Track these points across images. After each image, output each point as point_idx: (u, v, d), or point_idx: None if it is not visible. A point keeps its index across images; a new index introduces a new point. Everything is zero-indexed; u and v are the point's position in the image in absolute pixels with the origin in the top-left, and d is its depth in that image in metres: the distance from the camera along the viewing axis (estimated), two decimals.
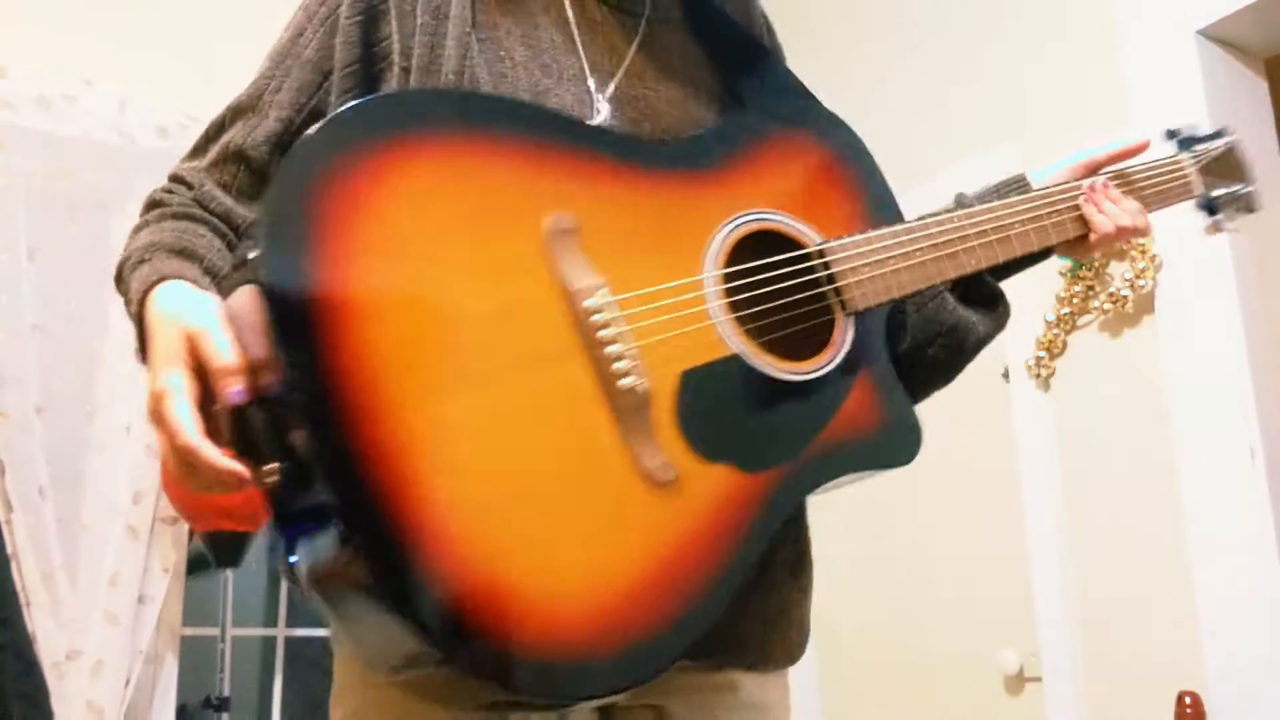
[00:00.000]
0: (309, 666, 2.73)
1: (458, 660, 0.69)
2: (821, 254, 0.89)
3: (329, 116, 0.78)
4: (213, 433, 0.73)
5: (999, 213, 1.02)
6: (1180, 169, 1.17)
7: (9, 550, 2.13)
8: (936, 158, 2.76)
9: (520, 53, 0.92)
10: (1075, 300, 2.35)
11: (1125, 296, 2.24)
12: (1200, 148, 1.20)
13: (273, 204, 0.74)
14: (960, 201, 1.09)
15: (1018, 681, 2.44)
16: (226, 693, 2.27)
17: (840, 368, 0.86)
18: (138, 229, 0.91)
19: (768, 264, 0.86)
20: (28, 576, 2.11)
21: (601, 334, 0.78)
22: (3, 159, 2.25)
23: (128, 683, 2.19)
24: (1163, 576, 2.14)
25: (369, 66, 0.94)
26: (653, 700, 0.91)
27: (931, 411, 3.00)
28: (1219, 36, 2.24)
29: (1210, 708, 1.98)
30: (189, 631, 2.42)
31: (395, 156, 0.77)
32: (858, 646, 2.89)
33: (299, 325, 0.71)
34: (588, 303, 0.78)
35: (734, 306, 0.85)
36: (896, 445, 0.89)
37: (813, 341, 0.88)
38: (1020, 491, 2.45)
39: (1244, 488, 2.02)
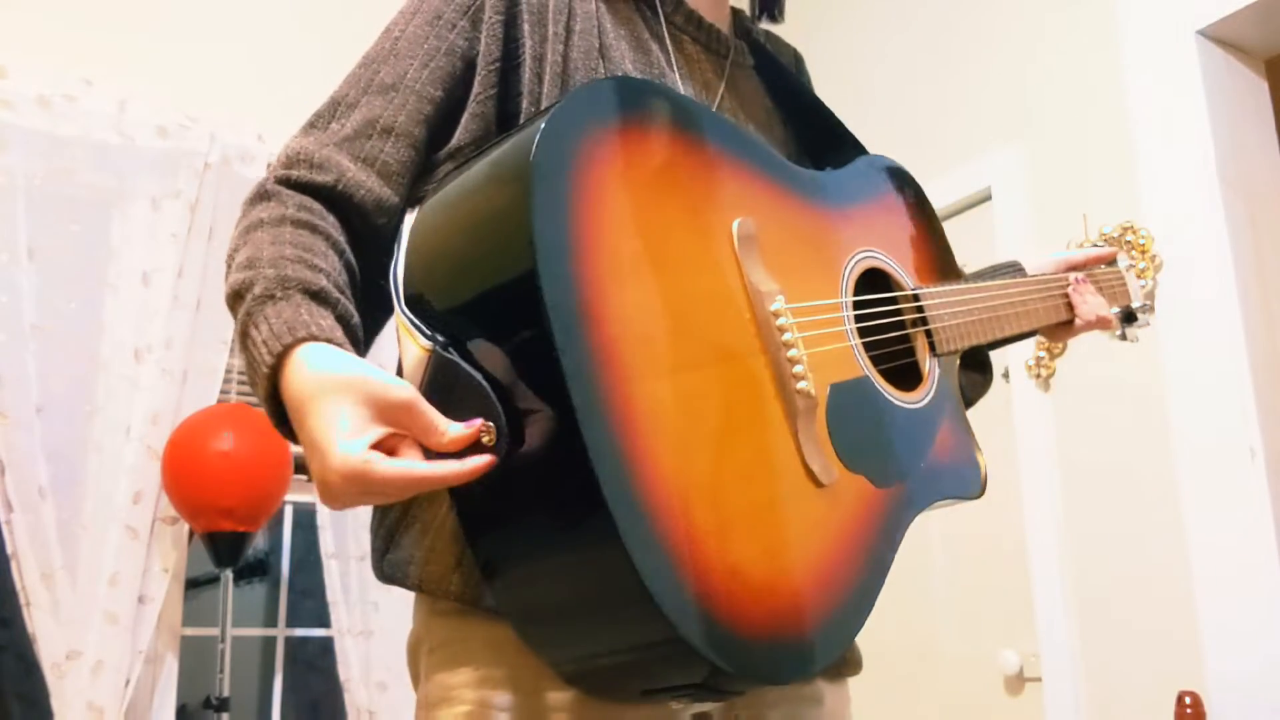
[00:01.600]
0: (309, 666, 2.73)
1: (690, 637, 0.68)
2: (917, 298, 1.00)
3: (588, 86, 0.80)
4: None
5: (1027, 289, 1.18)
6: (1122, 280, 1.37)
7: (9, 550, 2.13)
8: (937, 158, 2.76)
9: (636, 75, 0.97)
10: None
11: None
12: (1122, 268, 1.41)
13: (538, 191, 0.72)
14: (1006, 268, 1.26)
15: (1018, 681, 2.44)
16: (226, 693, 2.27)
17: (933, 405, 0.95)
18: (251, 227, 0.84)
19: (885, 298, 0.95)
20: (28, 576, 2.11)
21: (785, 337, 0.83)
22: (3, 159, 2.26)
23: (128, 683, 2.19)
24: (1163, 577, 2.14)
25: (506, 63, 0.95)
26: (752, 711, 0.93)
27: None
28: (1219, 36, 2.24)
29: (1210, 708, 1.98)
30: (189, 631, 2.42)
31: (635, 140, 0.81)
32: (858, 647, 2.89)
33: (566, 329, 0.70)
34: (773, 306, 0.83)
35: (859, 332, 0.92)
36: (971, 477, 0.96)
37: (901, 375, 0.96)
38: (1020, 491, 2.45)
39: (1244, 488, 2.02)
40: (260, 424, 2.28)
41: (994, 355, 1.25)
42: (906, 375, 0.96)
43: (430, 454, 0.72)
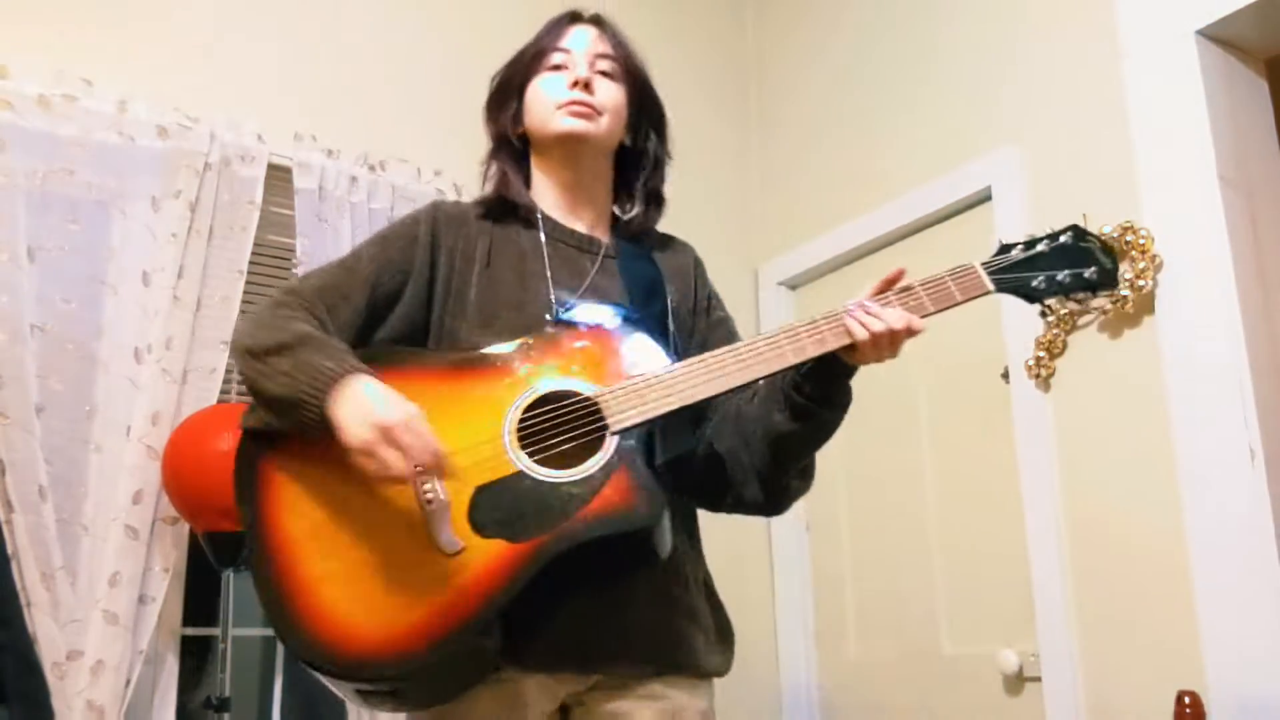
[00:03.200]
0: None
1: (312, 664, 1.25)
2: (589, 399, 1.34)
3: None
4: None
5: (770, 338, 1.38)
6: (970, 273, 1.42)
7: (9, 550, 2.13)
8: (937, 158, 2.76)
9: (512, 280, 1.47)
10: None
11: (1125, 296, 2.24)
12: (1012, 253, 1.46)
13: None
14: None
15: (1018, 681, 2.44)
16: (226, 693, 2.26)
17: (604, 468, 1.30)
18: (282, 305, 1.39)
19: (543, 411, 1.34)
20: (28, 576, 2.11)
21: (418, 474, 1.25)
22: (3, 159, 2.25)
23: (128, 683, 2.19)
24: (1163, 576, 2.14)
25: (427, 282, 1.47)
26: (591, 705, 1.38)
27: (932, 411, 3.01)
28: (1219, 36, 2.25)
29: (1210, 708, 1.98)
30: (189, 631, 2.42)
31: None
32: (858, 646, 2.89)
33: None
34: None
35: (525, 441, 1.32)
36: (626, 517, 1.28)
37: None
38: (1020, 491, 2.45)
39: (1244, 488, 2.02)
40: None
41: (993, 355, 1.28)
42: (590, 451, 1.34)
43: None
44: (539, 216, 1.52)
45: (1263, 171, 2.26)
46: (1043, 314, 1.42)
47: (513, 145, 1.56)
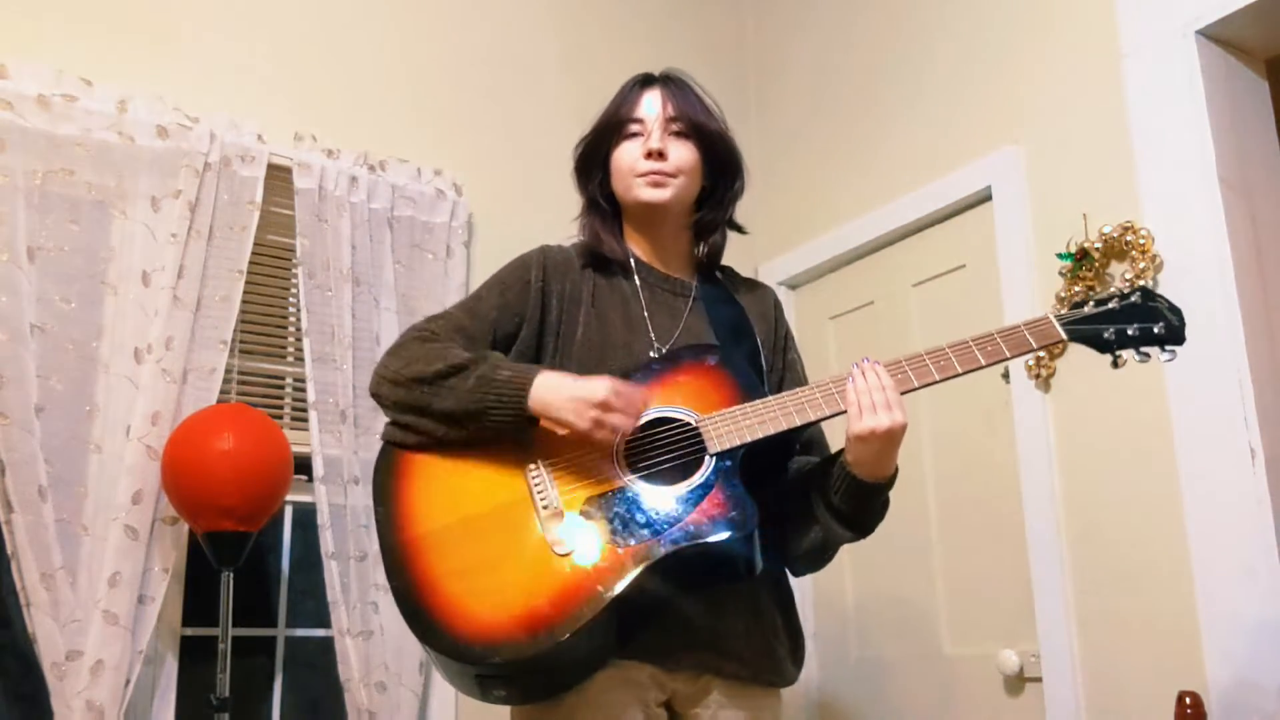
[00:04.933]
0: (309, 667, 2.73)
1: (435, 651, 1.39)
2: (691, 424, 1.49)
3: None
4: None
5: (804, 391, 1.52)
6: (1044, 323, 1.54)
7: (9, 550, 2.13)
8: (937, 158, 2.76)
9: (618, 322, 1.65)
10: (1075, 300, 2.35)
11: None
12: (1085, 308, 1.58)
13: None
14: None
15: (1018, 681, 2.44)
16: (226, 693, 2.26)
17: (703, 485, 1.45)
18: (430, 339, 1.59)
19: (649, 434, 1.50)
20: (28, 576, 2.11)
21: (533, 481, 1.48)
22: (3, 159, 2.25)
23: (128, 683, 2.19)
24: (1163, 576, 2.14)
25: (539, 324, 1.65)
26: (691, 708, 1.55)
27: (933, 411, 3.01)
28: (1219, 36, 2.24)
29: (1210, 708, 1.98)
30: (189, 631, 2.42)
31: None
32: (858, 646, 2.89)
33: None
34: (529, 467, 1.50)
35: (631, 460, 1.49)
36: (719, 529, 1.41)
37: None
38: (1020, 491, 2.45)
39: (1244, 488, 2.02)
40: (260, 424, 2.28)
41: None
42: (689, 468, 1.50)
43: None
44: (633, 263, 1.70)
45: (1263, 171, 2.26)
46: (1114, 364, 1.54)
47: (602, 206, 1.72)
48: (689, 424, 1.50)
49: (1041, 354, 2.42)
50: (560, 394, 1.45)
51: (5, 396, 2.15)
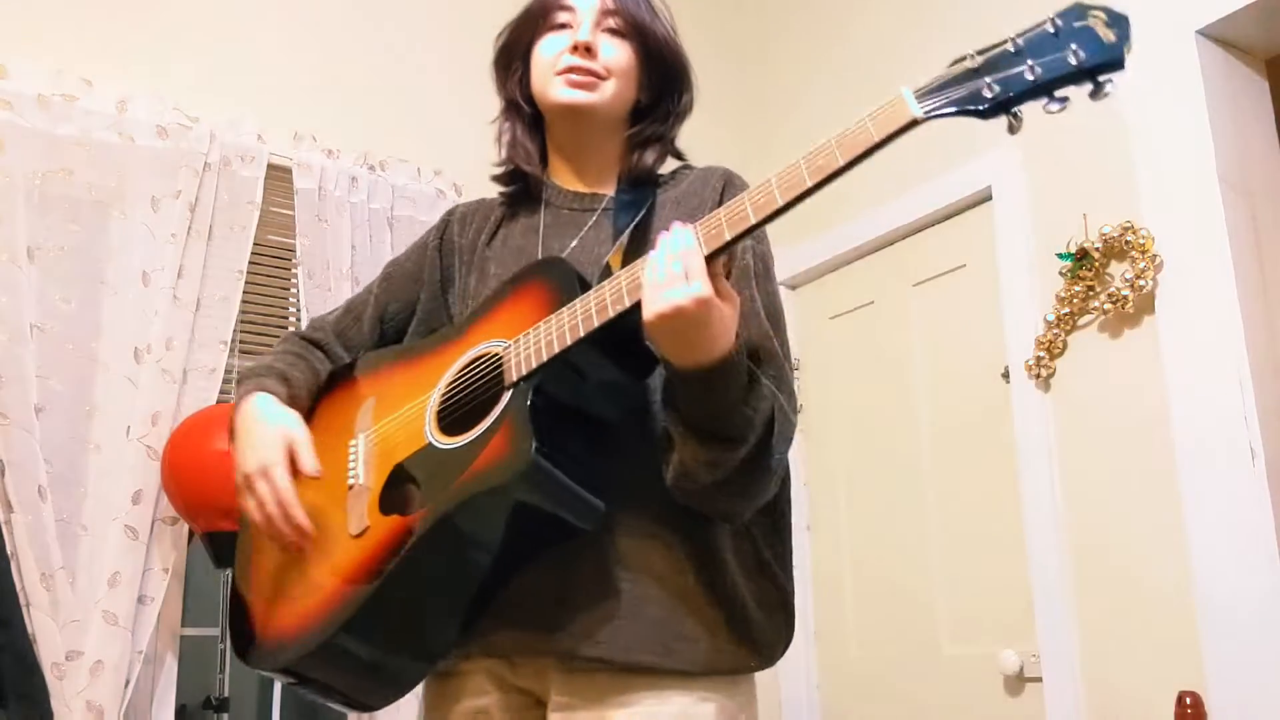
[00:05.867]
0: None
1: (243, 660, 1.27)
2: (495, 354, 1.23)
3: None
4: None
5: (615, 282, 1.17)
6: (892, 105, 1.14)
7: (9, 550, 2.13)
8: (937, 158, 2.76)
9: (508, 260, 1.39)
10: (1075, 300, 2.35)
11: (1125, 296, 2.24)
12: (965, 61, 1.13)
13: None
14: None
15: (1018, 681, 2.44)
16: (226, 693, 2.26)
17: (490, 428, 1.18)
18: (289, 337, 1.48)
19: (457, 377, 1.26)
20: (28, 576, 2.11)
21: (349, 455, 1.30)
22: (3, 159, 2.25)
23: (128, 683, 2.19)
24: (1163, 577, 2.14)
25: (438, 285, 1.46)
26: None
27: (932, 411, 3.00)
28: (1219, 36, 2.24)
29: (1210, 708, 1.98)
30: (189, 631, 2.42)
31: (324, 399, 1.43)
32: (858, 646, 2.88)
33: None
34: (350, 442, 1.33)
35: (444, 413, 1.25)
36: (505, 466, 1.13)
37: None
38: (1020, 491, 2.45)
39: (1244, 488, 2.02)
40: None
41: (994, 355, 1.22)
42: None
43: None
44: (544, 185, 1.44)
45: (1263, 171, 2.26)
46: (1011, 128, 1.06)
47: (522, 108, 1.45)
48: (496, 354, 1.23)
49: (1042, 354, 2.41)
50: (240, 435, 1.31)
51: (5, 396, 2.15)
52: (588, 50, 1.36)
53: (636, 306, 1.10)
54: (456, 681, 1.28)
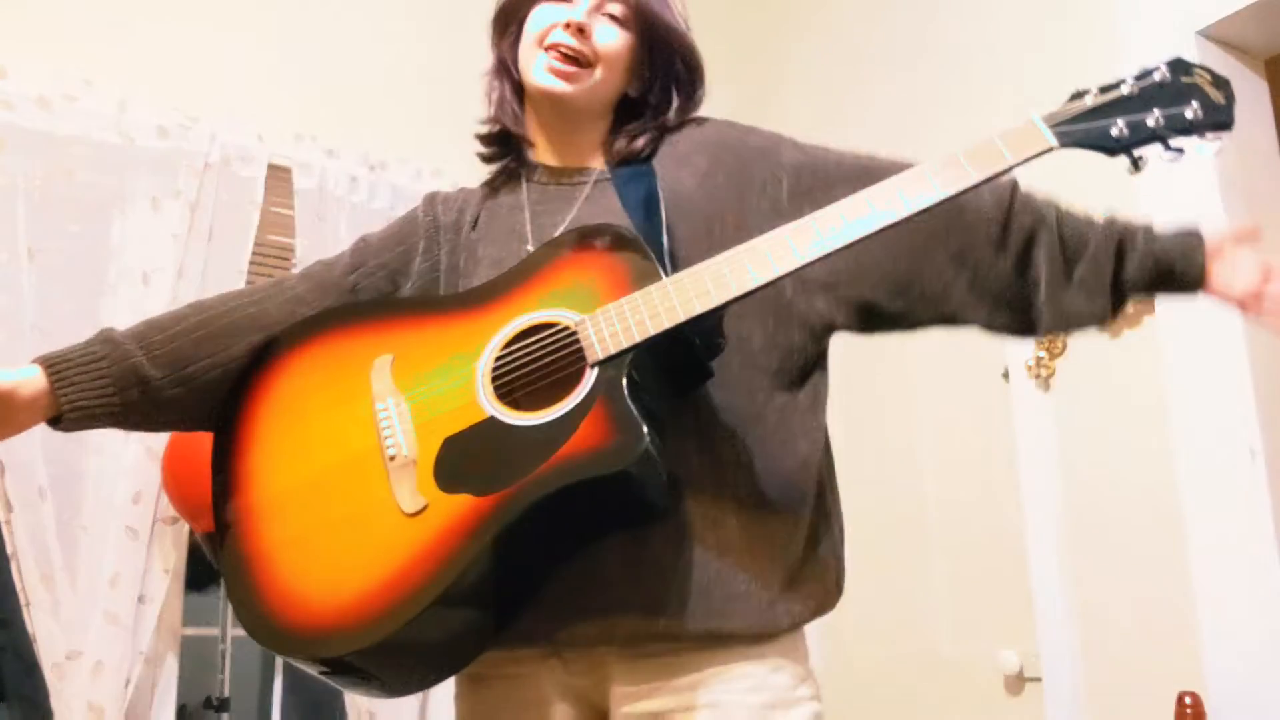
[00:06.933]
0: None
1: (264, 643, 1.12)
2: (567, 328, 1.14)
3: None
4: None
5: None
6: (1025, 130, 1.19)
7: (9, 550, 2.13)
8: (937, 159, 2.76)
9: (496, 237, 1.33)
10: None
11: None
12: (1086, 99, 1.24)
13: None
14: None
15: (1018, 681, 2.44)
16: (226, 693, 2.26)
17: (580, 406, 1.10)
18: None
19: (521, 348, 1.16)
20: (28, 576, 2.11)
21: (381, 422, 1.17)
22: (3, 159, 2.25)
23: (128, 683, 2.19)
24: (1163, 577, 2.14)
25: (435, 259, 1.37)
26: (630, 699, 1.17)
27: (932, 411, 3.00)
28: (1219, 36, 2.24)
29: (1210, 708, 1.98)
30: (189, 631, 2.42)
31: (301, 350, 1.28)
32: (858, 646, 2.88)
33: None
34: (378, 405, 1.19)
35: (501, 383, 1.15)
36: (607, 456, 1.06)
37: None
38: (1020, 491, 2.45)
39: (1244, 488, 2.02)
40: None
41: (993, 355, 1.24)
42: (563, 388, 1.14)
43: None
44: (524, 162, 1.38)
45: (1263, 171, 2.26)
46: (1132, 168, 1.18)
47: (512, 72, 1.38)
48: (565, 327, 1.15)
49: (1042, 354, 2.41)
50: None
51: None
52: (580, 31, 1.29)
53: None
54: (503, 687, 1.20)
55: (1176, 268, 1.26)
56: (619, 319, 1.11)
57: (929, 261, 1.25)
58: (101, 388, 1.24)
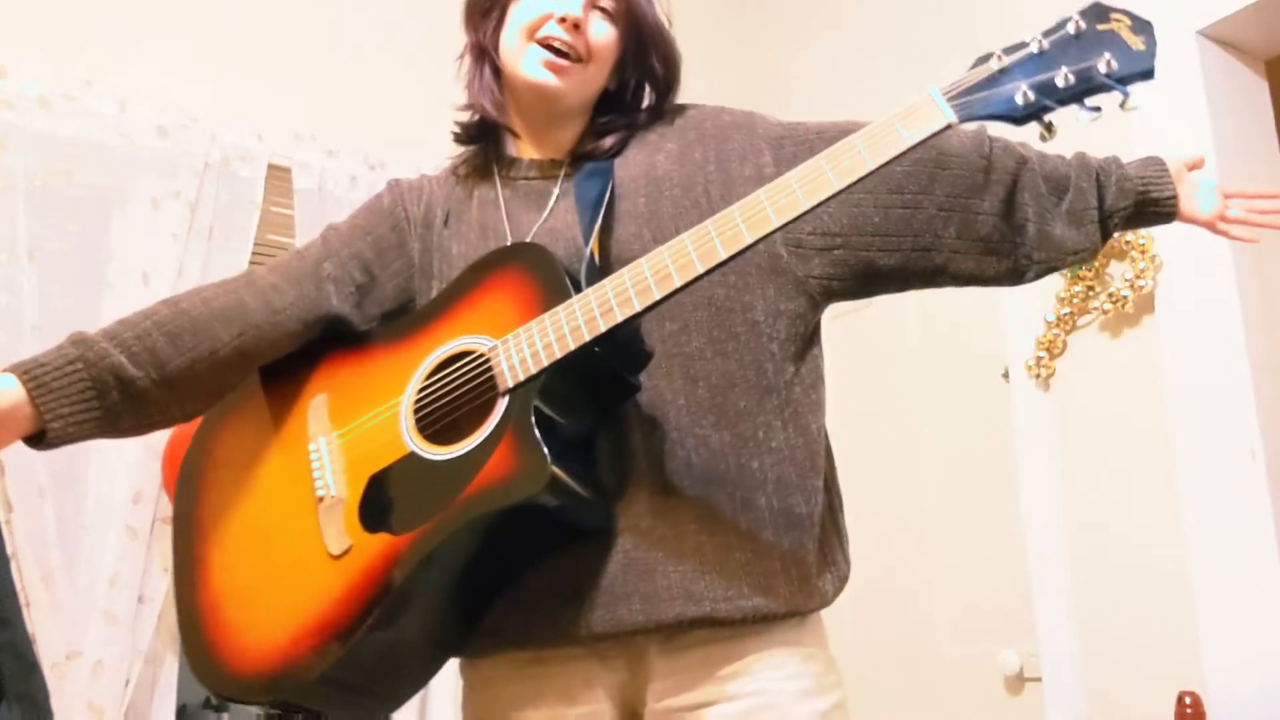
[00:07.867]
0: None
1: (212, 689, 1.18)
2: (478, 354, 1.14)
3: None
4: None
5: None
6: (922, 107, 1.06)
7: (9, 550, 2.13)
8: None
9: (472, 238, 1.29)
10: (1075, 300, 2.35)
11: (1125, 296, 2.24)
12: (991, 62, 1.11)
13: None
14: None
15: (1018, 681, 2.44)
16: None
17: (489, 438, 1.09)
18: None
19: (432, 377, 1.16)
20: (27, 576, 2.11)
21: (313, 464, 1.19)
22: (3, 159, 2.25)
23: (128, 683, 2.19)
24: (1163, 577, 2.14)
25: (405, 247, 1.33)
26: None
27: (932, 411, 3.01)
28: (1219, 36, 2.24)
29: (1210, 708, 1.98)
30: None
31: (249, 399, 1.28)
32: (858, 646, 2.89)
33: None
34: (310, 446, 1.20)
35: (423, 417, 1.15)
36: (519, 484, 1.05)
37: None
38: (1020, 491, 2.45)
39: (1244, 488, 2.02)
40: None
41: (993, 355, 1.24)
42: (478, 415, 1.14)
43: None
44: (495, 155, 1.36)
45: (1263, 171, 2.26)
46: (1042, 137, 1.08)
47: (492, 57, 1.36)
48: (481, 355, 1.14)
49: (1042, 354, 2.41)
50: None
51: None
52: (576, 27, 1.26)
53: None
54: (535, 685, 1.18)
55: (1152, 193, 1.31)
56: (528, 344, 1.10)
57: (919, 213, 1.24)
58: (81, 391, 1.17)
